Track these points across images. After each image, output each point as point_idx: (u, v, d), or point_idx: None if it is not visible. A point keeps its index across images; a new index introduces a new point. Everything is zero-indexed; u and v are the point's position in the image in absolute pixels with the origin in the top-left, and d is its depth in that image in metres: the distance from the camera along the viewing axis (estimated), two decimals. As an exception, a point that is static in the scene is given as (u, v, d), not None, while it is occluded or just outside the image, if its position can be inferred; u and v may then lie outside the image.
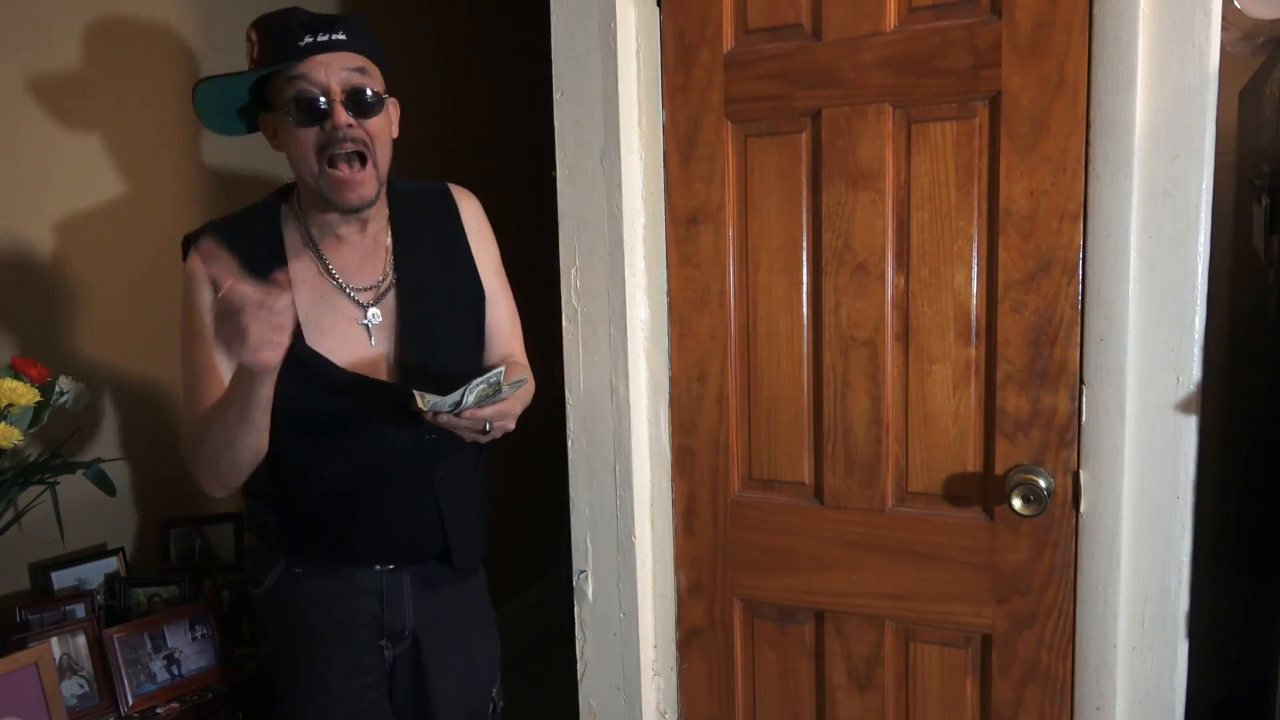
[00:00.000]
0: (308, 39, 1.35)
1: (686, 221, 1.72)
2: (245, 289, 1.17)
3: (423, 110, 2.81)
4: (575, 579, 1.85)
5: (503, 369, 1.36)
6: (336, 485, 1.48)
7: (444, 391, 1.33)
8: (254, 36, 1.41)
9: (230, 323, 1.18)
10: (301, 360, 1.40)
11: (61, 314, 1.87)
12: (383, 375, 1.48)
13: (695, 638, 1.81)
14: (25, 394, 1.54)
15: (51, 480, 1.64)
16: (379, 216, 1.52)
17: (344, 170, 1.39)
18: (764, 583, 1.74)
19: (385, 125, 1.44)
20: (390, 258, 1.51)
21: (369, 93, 1.39)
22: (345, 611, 1.52)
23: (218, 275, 1.20)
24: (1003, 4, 1.46)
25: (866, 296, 1.60)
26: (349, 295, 1.48)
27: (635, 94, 1.72)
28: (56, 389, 1.65)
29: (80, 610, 1.73)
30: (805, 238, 1.64)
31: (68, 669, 1.66)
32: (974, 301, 1.54)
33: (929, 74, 1.52)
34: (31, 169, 1.80)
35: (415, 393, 1.32)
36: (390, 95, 1.46)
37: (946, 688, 1.63)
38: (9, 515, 1.62)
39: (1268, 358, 1.68)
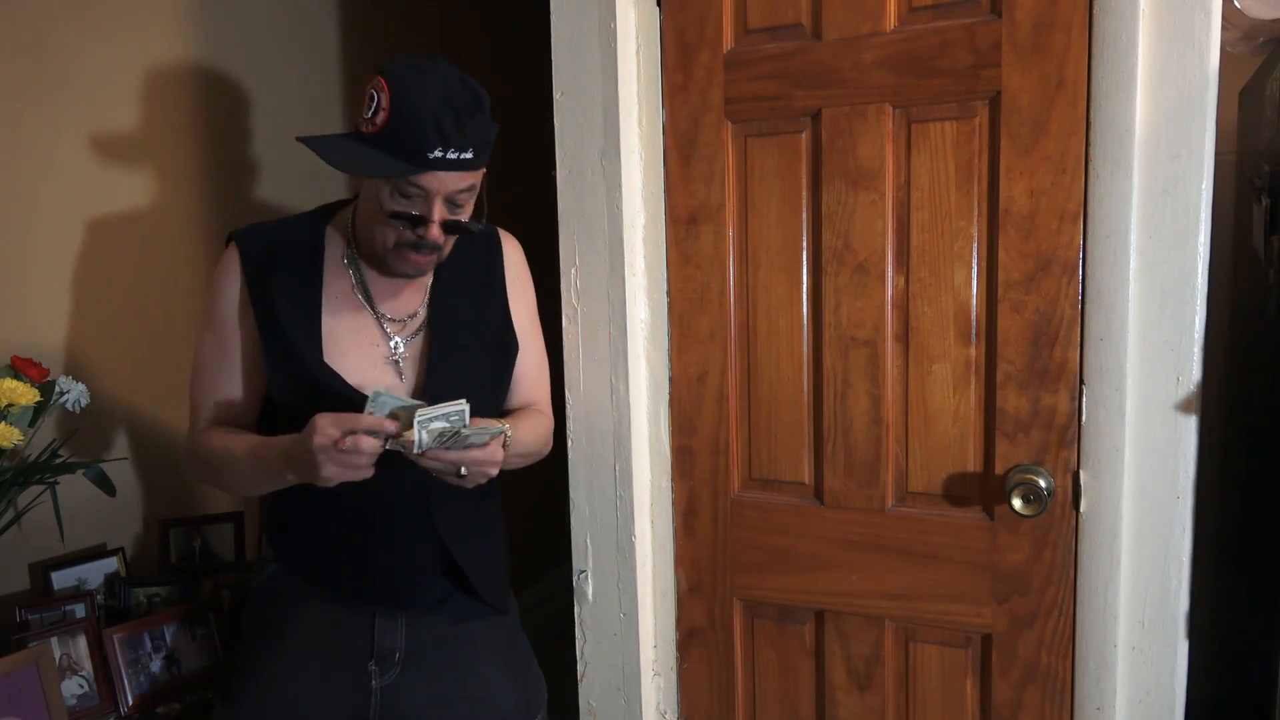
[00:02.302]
0: (437, 153, 1.27)
1: (686, 221, 1.72)
2: (334, 432, 1.21)
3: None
4: (575, 579, 1.85)
5: (464, 406, 1.23)
6: (336, 513, 1.43)
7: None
8: (384, 102, 1.28)
9: (309, 453, 1.22)
10: (315, 375, 1.39)
11: (61, 314, 1.87)
12: None
13: (695, 638, 1.81)
14: (25, 394, 1.54)
15: (51, 480, 1.64)
16: None
17: (413, 255, 1.37)
18: (764, 583, 1.74)
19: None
20: (428, 294, 1.49)
21: (467, 219, 1.38)
22: (333, 618, 1.47)
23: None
24: (1003, 4, 1.46)
25: (866, 296, 1.60)
26: (379, 322, 1.45)
27: (635, 94, 1.72)
28: (56, 389, 1.66)
29: (80, 610, 1.73)
30: (805, 238, 1.64)
31: (68, 669, 1.66)
32: (974, 301, 1.54)
33: (929, 74, 1.52)
34: (31, 168, 1.80)
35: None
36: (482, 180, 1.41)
37: (946, 688, 1.63)
38: (9, 515, 1.62)
39: (1268, 358, 1.68)
